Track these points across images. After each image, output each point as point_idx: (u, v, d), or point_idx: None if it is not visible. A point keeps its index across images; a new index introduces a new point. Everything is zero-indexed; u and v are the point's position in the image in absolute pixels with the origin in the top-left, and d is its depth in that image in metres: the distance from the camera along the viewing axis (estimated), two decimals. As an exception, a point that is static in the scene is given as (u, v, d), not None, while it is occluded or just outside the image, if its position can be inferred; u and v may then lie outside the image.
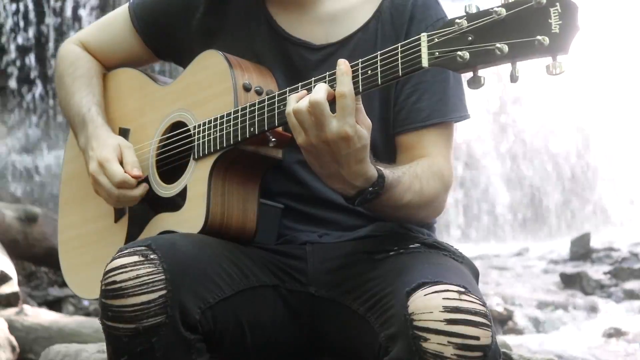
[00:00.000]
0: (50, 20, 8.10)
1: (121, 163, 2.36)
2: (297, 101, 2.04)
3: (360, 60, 2.02)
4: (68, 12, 8.13)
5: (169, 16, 2.44)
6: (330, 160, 2.03)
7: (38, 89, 8.13)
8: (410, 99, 2.28)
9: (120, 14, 2.54)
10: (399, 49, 1.98)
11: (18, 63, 8.08)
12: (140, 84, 2.49)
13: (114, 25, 2.55)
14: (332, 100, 2.02)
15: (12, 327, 4.58)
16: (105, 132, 2.42)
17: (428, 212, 2.26)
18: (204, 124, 2.27)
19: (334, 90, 2.01)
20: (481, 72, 1.91)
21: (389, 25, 2.30)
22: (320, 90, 2.01)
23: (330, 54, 2.30)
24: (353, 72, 2.02)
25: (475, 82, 1.91)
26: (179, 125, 2.36)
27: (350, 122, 1.99)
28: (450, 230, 9.01)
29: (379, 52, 2.01)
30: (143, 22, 2.49)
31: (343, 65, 2.02)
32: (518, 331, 5.95)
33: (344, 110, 1.99)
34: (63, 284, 6.10)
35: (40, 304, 5.85)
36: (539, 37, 1.82)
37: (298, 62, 2.32)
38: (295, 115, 2.03)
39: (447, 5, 2.41)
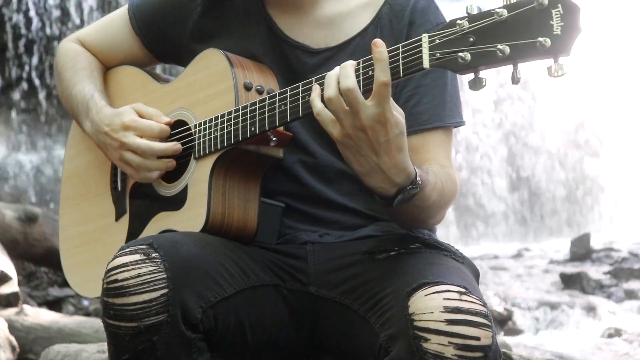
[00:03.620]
0: (52, 19, 8.10)
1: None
2: (321, 98, 2.01)
3: (361, 59, 2.01)
4: (71, 11, 8.13)
5: (167, 18, 2.44)
6: (369, 151, 1.99)
7: (40, 89, 8.13)
8: (410, 102, 2.28)
9: (119, 16, 2.54)
10: (400, 50, 1.97)
11: (20, 62, 8.08)
12: (141, 82, 2.50)
13: (114, 26, 2.55)
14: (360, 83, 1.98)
15: (12, 327, 4.59)
16: (110, 109, 2.42)
17: (441, 215, 2.24)
18: (205, 122, 2.27)
19: (363, 77, 1.97)
20: (482, 74, 1.90)
21: (387, 30, 2.30)
22: (350, 76, 1.97)
23: (328, 58, 2.30)
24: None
25: (476, 84, 1.91)
26: (179, 124, 2.36)
27: (388, 107, 1.96)
28: (450, 230, 9.02)
29: (380, 53, 2.00)
30: (142, 24, 2.49)
31: (382, 49, 1.95)
32: (518, 331, 5.96)
33: (382, 98, 1.95)
34: (63, 284, 6.10)
35: (40, 304, 5.85)
36: (540, 39, 1.82)
37: (296, 65, 2.32)
38: (328, 106, 1.99)
39: (446, 6, 2.41)
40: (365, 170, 2.02)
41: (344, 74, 1.98)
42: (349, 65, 1.99)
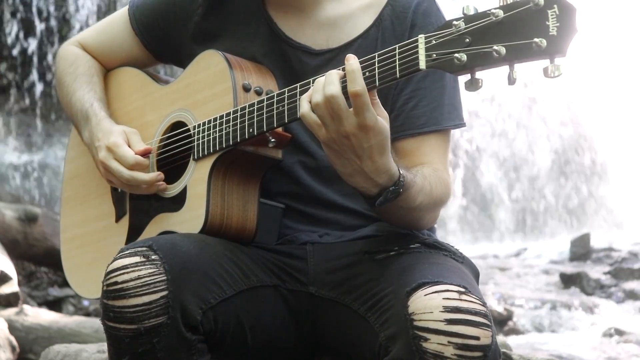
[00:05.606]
0: (52, 18, 8.10)
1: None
2: (309, 100, 2.02)
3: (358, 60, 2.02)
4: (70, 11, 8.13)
5: (168, 19, 2.44)
6: (353, 155, 2.00)
7: (39, 88, 8.13)
8: (408, 105, 2.28)
9: (120, 17, 2.54)
10: (397, 51, 1.97)
11: (19, 62, 8.08)
12: (141, 84, 2.50)
13: (114, 28, 2.55)
14: (346, 92, 1.99)
15: (12, 327, 4.59)
16: (109, 123, 2.42)
17: (431, 217, 2.25)
18: (204, 124, 2.27)
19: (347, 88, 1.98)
20: (479, 75, 1.90)
21: (389, 32, 2.30)
22: (334, 82, 1.98)
23: (330, 60, 2.30)
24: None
25: (472, 85, 1.91)
26: (179, 125, 2.36)
27: (369, 115, 1.97)
28: (450, 230, 9.02)
29: (376, 54, 2.00)
30: (142, 25, 2.49)
31: (353, 61, 1.98)
32: (518, 331, 5.96)
33: (361, 108, 1.96)
34: (63, 284, 6.10)
35: (40, 304, 5.85)
36: (536, 40, 1.81)
37: (297, 66, 2.32)
38: (315, 111, 2.00)
39: (448, 4, 2.41)
40: (348, 171, 2.04)
41: (328, 81, 1.99)
42: (334, 73, 2.00)
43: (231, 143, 2.21)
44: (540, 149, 9.52)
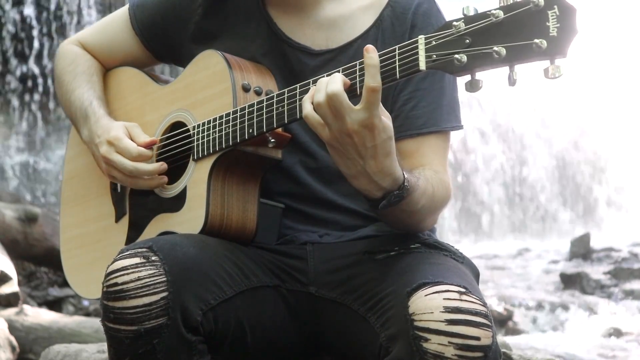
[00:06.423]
0: (52, 18, 8.10)
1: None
2: (311, 100, 2.02)
3: (357, 62, 2.01)
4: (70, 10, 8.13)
5: (168, 19, 2.44)
6: (356, 155, 1.99)
7: (39, 88, 8.13)
8: (407, 106, 2.28)
9: (120, 16, 2.54)
10: (397, 51, 1.97)
11: (19, 61, 8.08)
12: (140, 84, 2.50)
13: (114, 27, 2.55)
14: (348, 91, 1.98)
15: (12, 327, 4.59)
16: (107, 120, 2.42)
17: (432, 220, 2.25)
18: (203, 124, 2.27)
19: (350, 81, 1.98)
20: (479, 76, 1.90)
21: (389, 33, 2.30)
22: (337, 81, 1.98)
23: (330, 60, 2.30)
24: (350, 76, 2.01)
25: (472, 86, 1.90)
26: (178, 125, 2.36)
27: (377, 113, 1.96)
28: (450, 230, 9.02)
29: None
30: (142, 24, 2.49)
31: (373, 54, 1.96)
32: (518, 331, 5.96)
33: (371, 104, 1.95)
34: (63, 284, 6.11)
35: (40, 304, 5.85)
36: (536, 41, 1.81)
37: (296, 66, 2.32)
38: (317, 111, 1.99)
39: (447, 4, 2.41)
40: (352, 173, 2.03)
41: (331, 80, 1.98)
42: (338, 75, 1.99)
43: (231, 143, 2.21)
44: (540, 149, 9.53)
